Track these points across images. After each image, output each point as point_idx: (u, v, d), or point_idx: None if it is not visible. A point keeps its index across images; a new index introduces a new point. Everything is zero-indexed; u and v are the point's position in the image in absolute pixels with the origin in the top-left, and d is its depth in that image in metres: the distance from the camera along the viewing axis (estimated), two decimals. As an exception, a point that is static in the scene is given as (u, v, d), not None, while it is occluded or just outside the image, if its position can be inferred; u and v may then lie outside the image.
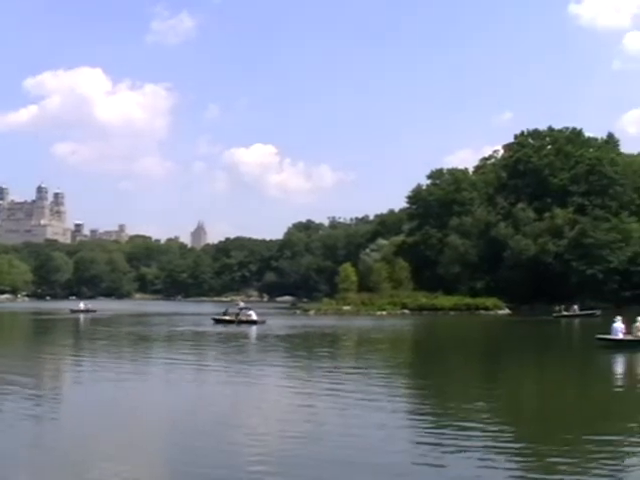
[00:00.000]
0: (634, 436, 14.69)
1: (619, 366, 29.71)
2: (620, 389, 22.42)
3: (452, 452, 13.31)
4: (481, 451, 13.31)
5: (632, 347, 33.10)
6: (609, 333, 34.67)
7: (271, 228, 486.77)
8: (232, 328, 53.29)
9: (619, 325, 34.47)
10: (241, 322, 57.42)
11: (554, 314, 70.55)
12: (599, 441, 13.99)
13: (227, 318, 59.23)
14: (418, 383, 23.51)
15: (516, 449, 13.72)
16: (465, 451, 13.31)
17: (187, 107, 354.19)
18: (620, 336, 34.09)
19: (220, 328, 52.95)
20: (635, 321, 34.44)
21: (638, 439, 14.44)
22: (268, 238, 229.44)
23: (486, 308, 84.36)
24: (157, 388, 22.73)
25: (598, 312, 68.45)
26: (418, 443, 14.13)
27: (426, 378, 24.67)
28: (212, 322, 59.32)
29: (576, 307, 73.68)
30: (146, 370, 27.16)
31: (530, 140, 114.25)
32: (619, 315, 35.65)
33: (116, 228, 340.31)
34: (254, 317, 58.48)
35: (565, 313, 70.74)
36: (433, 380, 23.97)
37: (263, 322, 57.72)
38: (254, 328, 53.31)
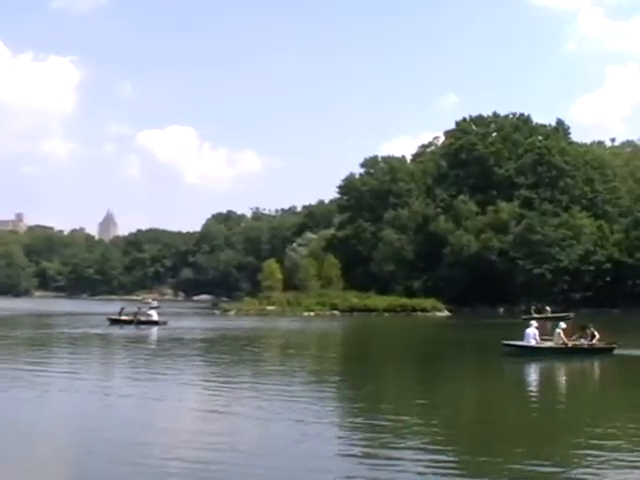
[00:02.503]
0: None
1: (529, 378, 28.84)
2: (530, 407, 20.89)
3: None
4: None
5: (546, 355, 32.76)
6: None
7: (188, 219, 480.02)
8: (130, 330, 52.52)
9: (532, 330, 33.67)
10: (140, 323, 56.96)
11: (523, 316, 70.18)
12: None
13: (124, 318, 58.67)
14: (344, 393, 23.02)
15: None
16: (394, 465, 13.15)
17: (96, 83, 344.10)
18: (532, 343, 33.35)
19: (116, 330, 51.94)
20: (558, 327, 34.03)
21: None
22: (184, 230, 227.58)
23: (423, 310, 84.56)
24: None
25: (571, 315, 68.68)
26: (342, 455, 14.03)
27: (352, 388, 24.15)
28: (108, 323, 58.46)
29: (548, 309, 73.91)
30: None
31: (473, 126, 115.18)
32: (533, 320, 35.61)
33: (12, 217, 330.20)
34: (155, 317, 58.46)
35: (536, 315, 70.09)
36: (357, 390, 23.42)
37: (165, 323, 57.41)
38: (155, 330, 52.66)
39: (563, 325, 34.20)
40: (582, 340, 33.90)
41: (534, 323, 34.29)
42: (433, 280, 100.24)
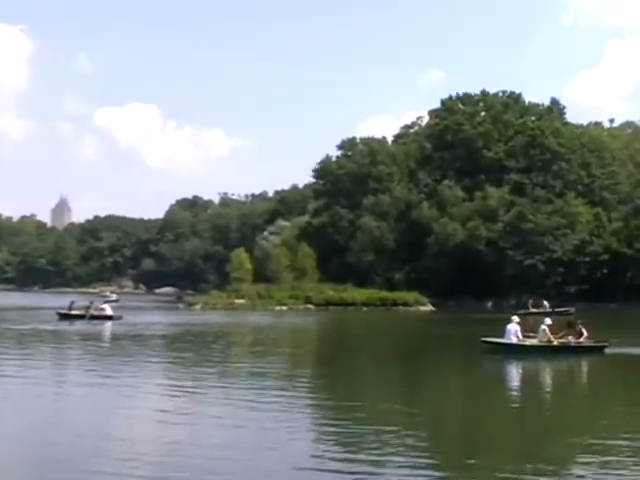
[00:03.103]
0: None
1: (510, 380, 28.59)
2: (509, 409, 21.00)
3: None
4: None
5: (529, 353, 32.77)
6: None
7: (150, 205, 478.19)
8: (82, 325, 52.47)
9: (513, 326, 33.65)
10: (93, 317, 57.19)
11: (520, 311, 70.81)
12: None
13: (75, 313, 58.70)
14: (317, 396, 22.92)
15: None
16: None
17: (50, 55, 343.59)
18: (513, 340, 33.38)
19: (67, 326, 51.65)
20: (542, 322, 34.09)
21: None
22: (146, 217, 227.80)
23: (405, 303, 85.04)
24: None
25: (572, 310, 69.49)
26: (315, 464, 13.93)
27: (325, 391, 24.24)
28: (57, 318, 58.07)
29: (546, 303, 74.54)
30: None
31: (461, 105, 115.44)
32: (516, 314, 35.21)
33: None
34: (108, 312, 58.70)
35: (533, 310, 70.92)
36: (331, 393, 23.55)
37: (120, 318, 57.69)
38: (109, 325, 52.60)
39: (548, 321, 34.13)
40: (570, 338, 33.85)
41: (515, 318, 34.06)
42: (416, 272, 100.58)
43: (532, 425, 18.07)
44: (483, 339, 34.01)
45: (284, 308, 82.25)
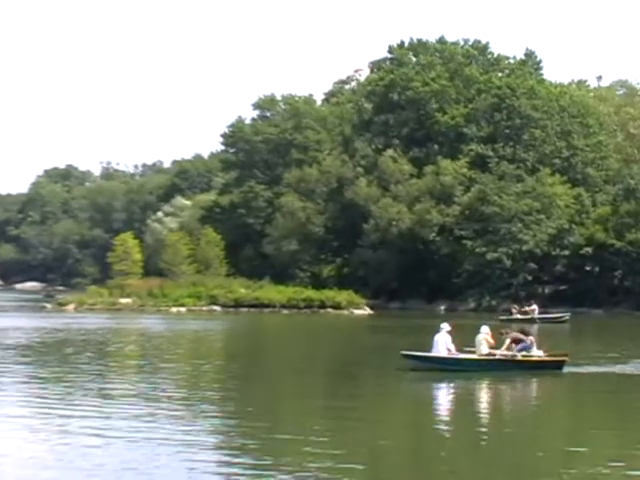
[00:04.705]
0: None
1: (436, 404, 28.93)
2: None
3: None
4: None
5: (464, 370, 33.27)
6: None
7: (9, 176, 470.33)
8: None
9: (443, 337, 33.99)
10: None
11: (500, 316, 72.20)
12: None
13: None
14: (211, 428, 22.85)
15: None
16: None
17: None
18: (443, 353, 33.71)
19: None
20: (480, 331, 34.54)
21: None
22: (4, 192, 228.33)
23: (337, 306, 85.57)
24: None
25: (566, 316, 72.07)
26: None
27: (225, 418, 24.38)
28: None
29: (535, 307, 75.63)
30: None
31: (411, 56, 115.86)
32: (445, 321, 35.60)
33: None
34: None
35: (519, 316, 72.33)
36: (229, 427, 23.42)
37: None
38: None
39: (486, 329, 34.45)
40: (520, 350, 34.11)
41: (445, 326, 34.16)
42: (350, 266, 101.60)
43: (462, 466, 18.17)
44: (403, 352, 34.30)
45: (182, 310, 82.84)
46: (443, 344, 33.57)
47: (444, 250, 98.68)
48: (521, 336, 34.77)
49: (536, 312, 74.41)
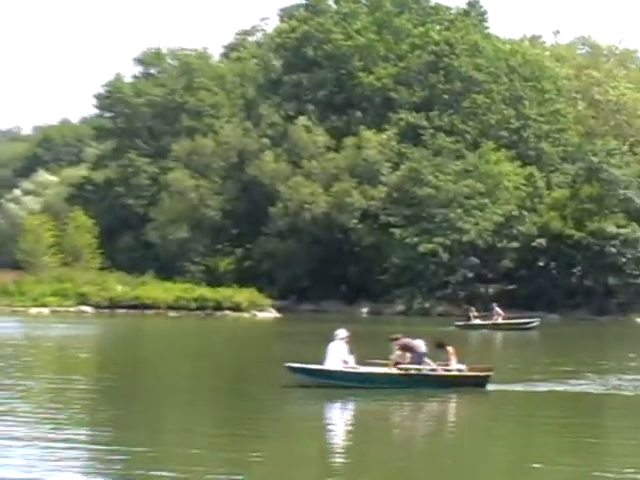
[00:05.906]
0: None
1: (325, 429, 28.67)
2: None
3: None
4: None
5: (362, 386, 33.69)
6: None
7: None
8: None
9: (338, 346, 34.36)
10: None
11: (457, 322, 73.92)
12: None
13: None
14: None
15: None
16: None
17: None
18: (337, 365, 34.04)
19: None
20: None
21: None
22: None
23: (236, 307, 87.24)
24: None
25: (536, 321, 74.25)
26: None
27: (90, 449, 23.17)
28: None
29: (498, 310, 77.81)
30: None
31: (331, 2, 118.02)
32: (342, 327, 35.83)
33: None
34: None
35: (479, 322, 74.32)
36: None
37: None
38: None
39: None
40: (430, 363, 34.47)
41: (342, 333, 34.46)
42: (253, 258, 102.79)
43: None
44: (288, 365, 34.56)
45: (44, 311, 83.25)
46: (337, 355, 33.82)
47: (367, 240, 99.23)
48: (414, 343, 34.82)
49: (501, 317, 75.99)
